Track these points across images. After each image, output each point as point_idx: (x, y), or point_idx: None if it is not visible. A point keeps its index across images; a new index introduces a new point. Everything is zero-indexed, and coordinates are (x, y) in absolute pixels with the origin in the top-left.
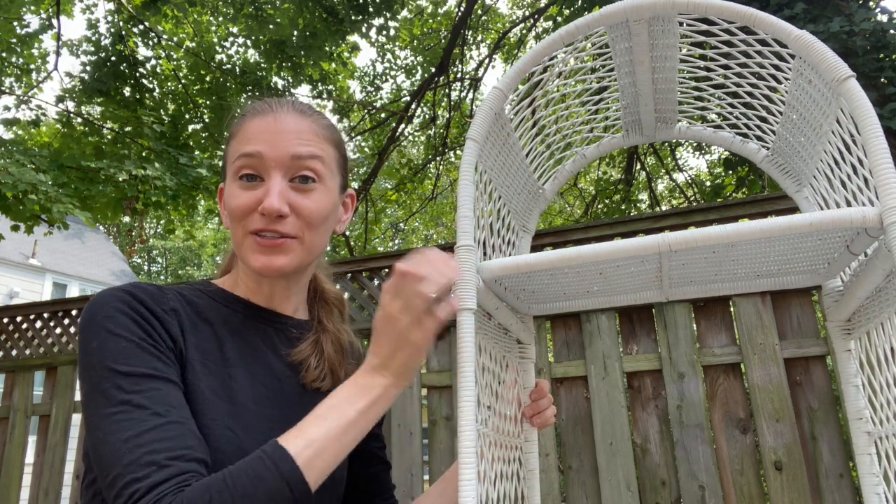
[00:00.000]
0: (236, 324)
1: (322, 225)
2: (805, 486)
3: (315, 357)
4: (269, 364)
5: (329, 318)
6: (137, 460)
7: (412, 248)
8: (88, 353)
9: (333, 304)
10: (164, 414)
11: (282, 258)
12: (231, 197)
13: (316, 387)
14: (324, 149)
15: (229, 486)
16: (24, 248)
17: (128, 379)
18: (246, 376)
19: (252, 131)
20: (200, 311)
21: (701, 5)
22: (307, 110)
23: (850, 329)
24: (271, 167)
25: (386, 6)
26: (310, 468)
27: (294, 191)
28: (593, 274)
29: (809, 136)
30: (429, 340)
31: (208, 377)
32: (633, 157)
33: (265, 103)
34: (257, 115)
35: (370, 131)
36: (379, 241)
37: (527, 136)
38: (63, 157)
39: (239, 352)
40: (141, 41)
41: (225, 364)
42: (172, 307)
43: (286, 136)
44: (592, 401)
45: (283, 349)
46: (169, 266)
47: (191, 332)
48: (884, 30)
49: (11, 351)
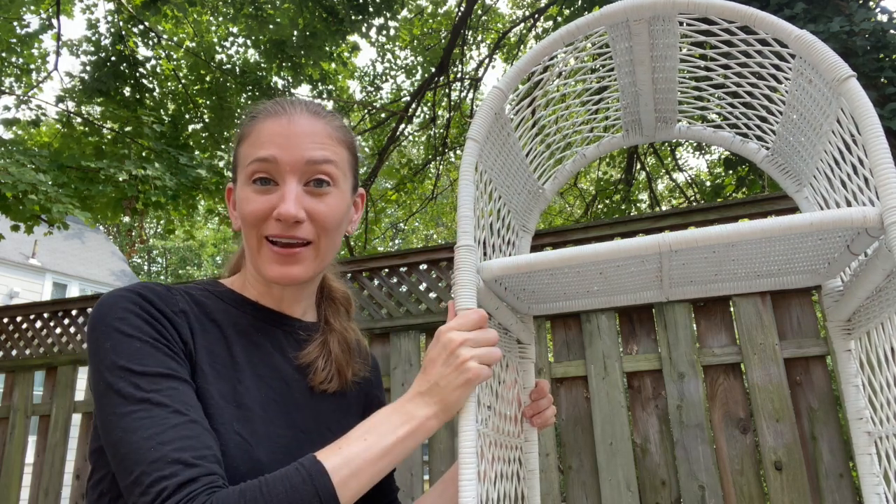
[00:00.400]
0: (245, 326)
1: (336, 229)
2: (805, 486)
3: (322, 359)
4: (278, 367)
5: (336, 318)
6: (163, 457)
7: (412, 248)
8: (101, 353)
9: (340, 302)
10: (186, 412)
11: (297, 268)
12: (245, 202)
13: (323, 388)
14: (337, 152)
15: (264, 494)
16: (24, 248)
17: (145, 378)
18: (254, 380)
19: (266, 134)
20: (209, 313)
21: (701, 5)
22: (321, 112)
23: (850, 329)
24: (286, 171)
25: (386, 6)
26: (344, 487)
27: (309, 195)
28: (593, 274)
29: (810, 136)
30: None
31: (217, 381)
32: (634, 156)
33: (278, 104)
34: (270, 116)
35: (370, 131)
36: (379, 241)
37: (527, 135)
38: (63, 157)
39: (247, 355)
40: (141, 41)
41: (234, 367)
42: (181, 308)
43: (301, 140)
44: (592, 401)
45: (292, 352)
46: (169, 266)
47: (199, 333)
48: (884, 30)
49: (11, 351)
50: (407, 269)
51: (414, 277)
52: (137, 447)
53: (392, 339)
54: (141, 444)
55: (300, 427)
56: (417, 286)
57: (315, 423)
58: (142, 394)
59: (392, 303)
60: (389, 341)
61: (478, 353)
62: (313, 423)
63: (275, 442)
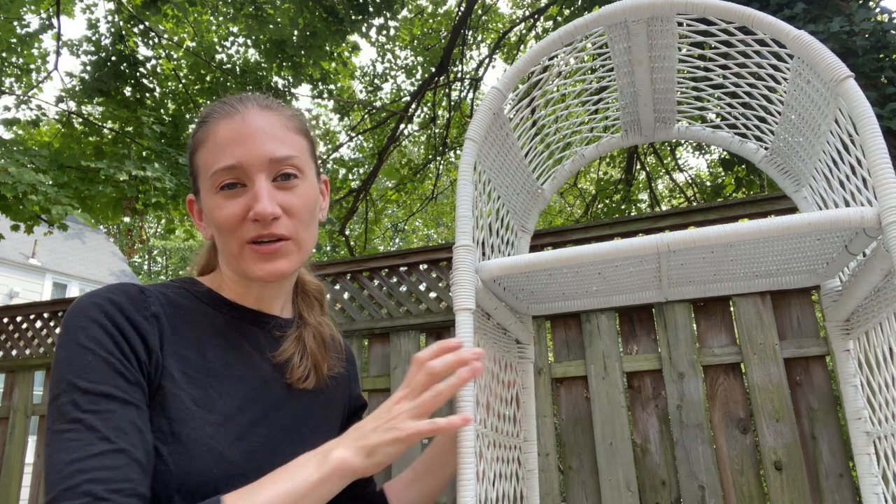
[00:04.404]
0: (222, 326)
1: (311, 220)
2: (805, 486)
3: (298, 354)
4: (255, 366)
5: (310, 312)
6: (76, 486)
7: (412, 248)
8: (56, 362)
9: (314, 296)
10: (114, 440)
11: (282, 262)
12: (217, 209)
13: (301, 386)
14: (296, 142)
15: None
16: (24, 248)
17: (86, 396)
18: (230, 381)
19: (221, 138)
20: (185, 314)
21: (699, 5)
22: (272, 104)
23: (848, 329)
24: (253, 172)
25: (386, 6)
26: None
27: (279, 190)
28: (592, 274)
29: (808, 136)
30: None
31: (190, 385)
32: (633, 156)
33: (227, 104)
34: (222, 118)
35: (370, 131)
36: (379, 241)
37: (526, 135)
38: (63, 157)
39: (224, 356)
40: (141, 41)
41: (208, 371)
42: (153, 312)
43: (258, 137)
44: (592, 401)
45: (269, 350)
46: (169, 266)
47: (171, 337)
48: (884, 30)
49: (11, 351)
50: (407, 269)
51: (414, 277)
52: (58, 470)
53: (392, 339)
54: (61, 468)
55: (279, 425)
56: (417, 286)
57: (293, 421)
58: (78, 413)
59: (392, 303)
60: (389, 341)
61: (415, 407)
62: (291, 420)
63: (251, 443)
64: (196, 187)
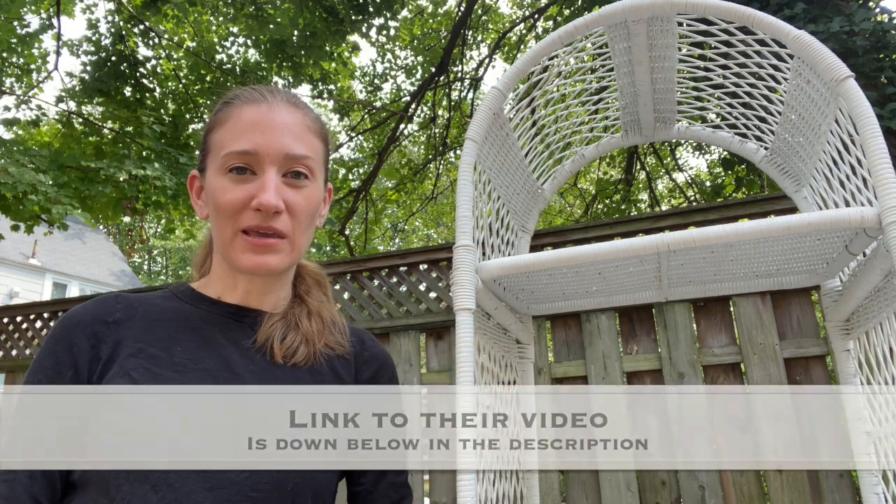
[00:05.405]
0: (196, 322)
1: (310, 223)
2: (805, 486)
3: (282, 332)
4: (226, 358)
5: (308, 294)
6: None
7: (412, 248)
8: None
9: (312, 277)
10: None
11: (273, 258)
12: (221, 191)
13: (292, 362)
14: (314, 144)
15: None
16: (24, 248)
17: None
18: (197, 375)
19: (245, 121)
20: (158, 313)
21: (699, 5)
22: (299, 103)
23: (848, 329)
24: (266, 162)
25: (386, 6)
26: None
27: (287, 186)
28: (592, 274)
29: (808, 136)
30: None
31: (153, 381)
32: (633, 156)
33: (256, 91)
34: (248, 103)
35: (370, 131)
36: (379, 241)
37: (526, 136)
38: (63, 157)
39: (194, 351)
40: (141, 41)
41: (173, 367)
42: (115, 318)
43: (280, 131)
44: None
45: (249, 341)
46: (169, 266)
47: (133, 338)
48: (884, 30)
49: (11, 351)
50: (407, 269)
51: (414, 277)
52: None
53: (392, 339)
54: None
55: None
56: (417, 286)
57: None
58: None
59: (392, 303)
60: (389, 341)
61: None
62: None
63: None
64: (203, 165)
